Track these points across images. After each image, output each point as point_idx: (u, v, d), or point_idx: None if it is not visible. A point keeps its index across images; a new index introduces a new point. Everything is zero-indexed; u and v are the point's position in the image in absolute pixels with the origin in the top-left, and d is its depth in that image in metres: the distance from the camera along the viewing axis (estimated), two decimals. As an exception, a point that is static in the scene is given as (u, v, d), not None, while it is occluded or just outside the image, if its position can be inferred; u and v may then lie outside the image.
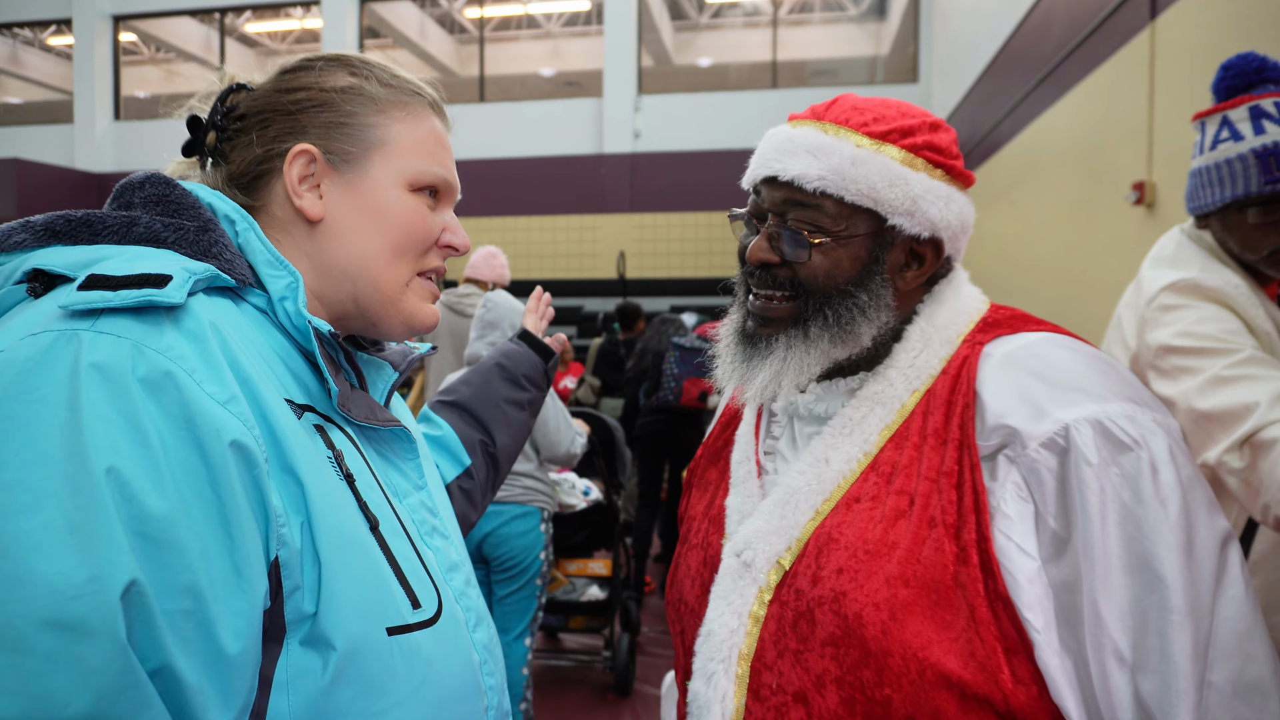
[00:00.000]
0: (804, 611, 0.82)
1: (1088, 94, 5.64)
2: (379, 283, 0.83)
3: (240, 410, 0.65)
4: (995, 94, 8.04)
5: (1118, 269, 5.00)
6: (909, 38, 12.56)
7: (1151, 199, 4.59)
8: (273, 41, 17.91)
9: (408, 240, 0.84)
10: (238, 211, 0.79)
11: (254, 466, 0.64)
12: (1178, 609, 0.72)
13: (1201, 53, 4.06)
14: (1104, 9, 5.28)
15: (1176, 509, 0.74)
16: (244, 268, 0.76)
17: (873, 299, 0.89)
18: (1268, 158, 1.40)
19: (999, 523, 0.78)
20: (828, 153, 0.88)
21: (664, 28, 15.66)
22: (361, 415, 0.79)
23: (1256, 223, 1.43)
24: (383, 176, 0.83)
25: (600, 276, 12.36)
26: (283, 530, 0.66)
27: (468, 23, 17.01)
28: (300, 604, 0.66)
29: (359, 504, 0.74)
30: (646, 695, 3.60)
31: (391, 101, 0.85)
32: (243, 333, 0.72)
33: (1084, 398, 0.79)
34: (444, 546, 0.85)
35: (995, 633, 0.75)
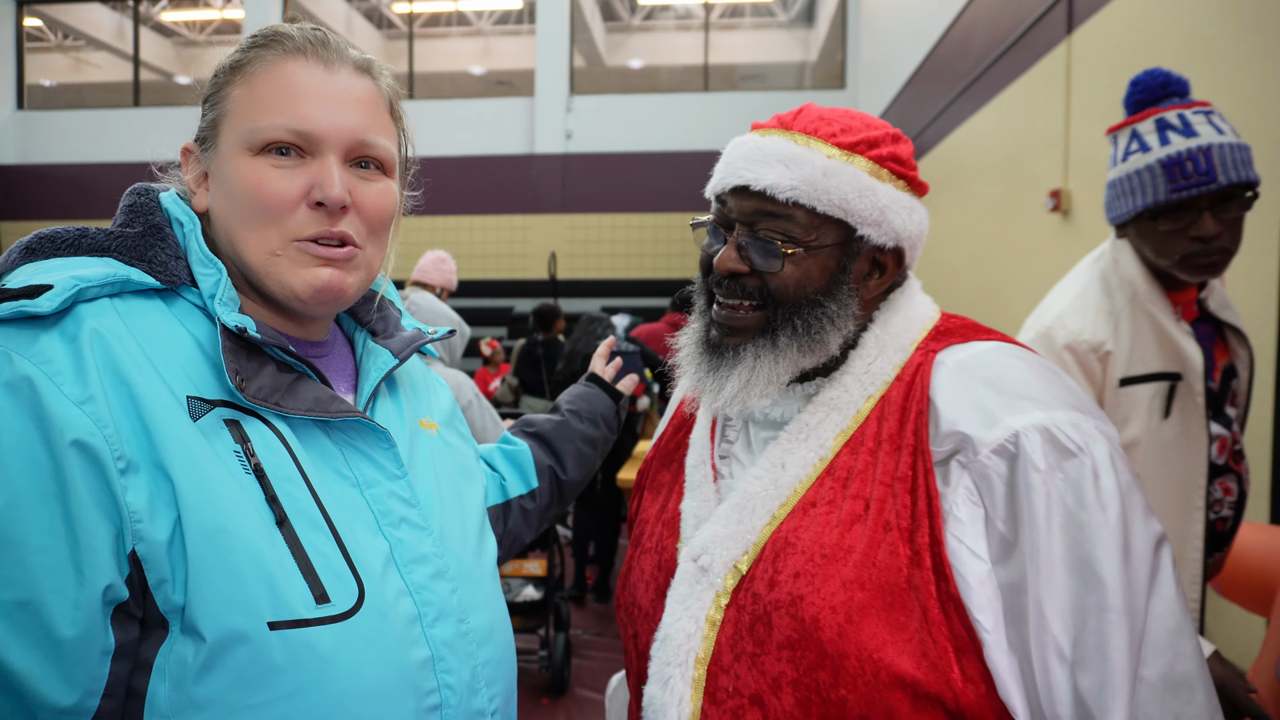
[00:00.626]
0: (761, 615, 0.83)
1: (1008, 103, 5.83)
2: (246, 257, 0.81)
3: (96, 411, 0.68)
4: (920, 101, 8.25)
5: (1036, 273, 5.18)
6: (837, 44, 12.80)
7: (1067, 206, 4.77)
8: (190, 31, 17.30)
9: (253, 207, 0.79)
10: (186, 214, 0.83)
11: (100, 465, 0.67)
12: (1115, 608, 0.75)
13: (1115, 66, 4.24)
14: (1024, 22, 5.47)
15: (1116, 513, 0.77)
16: (180, 269, 0.80)
17: (841, 308, 0.90)
18: (1173, 167, 1.48)
19: (951, 526, 0.80)
20: (799, 163, 0.88)
21: (596, 28, 15.65)
22: (301, 407, 0.78)
23: (1166, 230, 1.51)
24: (226, 149, 0.81)
25: (531, 277, 12.28)
26: (139, 526, 0.68)
27: (396, 18, 16.72)
28: (169, 595, 0.69)
29: (266, 497, 0.74)
30: (581, 696, 3.59)
31: (231, 67, 0.82)
32: (153, 333, 0.75)
33: (1032, 405, 0.81)
34: (412, 538, 0.84)
35: (946, 633, 0.77)
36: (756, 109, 12.22)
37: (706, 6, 14.14)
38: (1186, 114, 1.51)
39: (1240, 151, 1.49)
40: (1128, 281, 1.58)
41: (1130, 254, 1.60)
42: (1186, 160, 1.47)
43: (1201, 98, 3.23)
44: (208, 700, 0.69)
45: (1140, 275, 1.57)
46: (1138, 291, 1.57)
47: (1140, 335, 1.55)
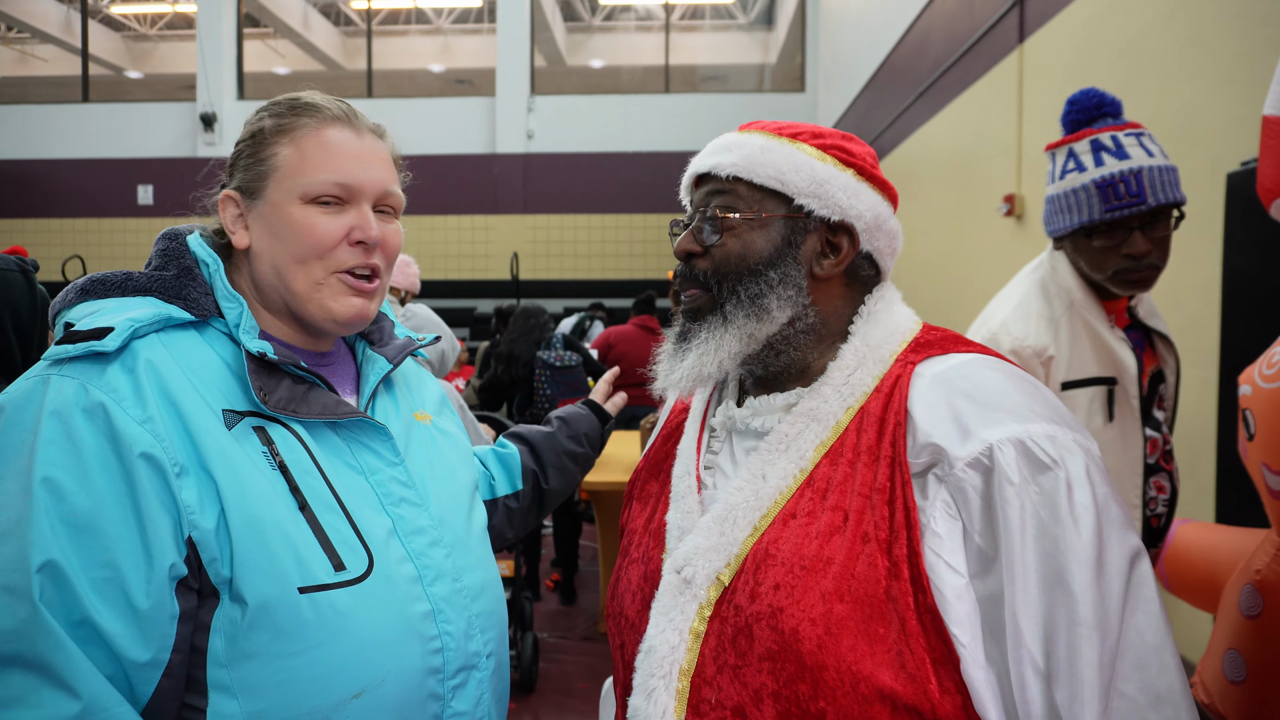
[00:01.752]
0: (743, 627, 0.83)
1: (963, 109, 5.95)
2: (291, 288, 0.98)
3: (155, 428, 0.86)
4: (878, 105, 8.37)
5: (990, 275, 5.29)
6: (796, 48, 12.92)
7: (1020, 211, 4.89)
8: (141, 25, 16.92)
9: (305, 247, 0.97)
10: (210, 256, 1.00)
11: (161, 470, 0.85)
12: (1085, 622, 0.75)
13: (1065, 75, 4.35)
14: (977, 30, 5.58)
15: (1089, 527, 0.77)
16: (210, 304, 0.98)
17: (782, 277, 0.93)
18: (1106, 188, 1.56)
19: (929, 540, 0.80)
20: (741, 146, 0.96)
21: (557, 28, 15.61)
22: (314, 412, 0.96)
23: (1100, 246, 1.59)
24: (277, 198, 0.98)
25: (494, 278, 12.23)
26: (192, 517, 0.86)
27: (354, 14, 16.52)
28: (219, 570, 0.87)
29: (290, 487, 0.91)
30: (549, 699, 3.60)
31: (279, 130, 0.99)
32: (194, 359, 0.93)
33: (1008, 418, 0.82)
34: (411, 514, 1.01)
35: (924, 645, 0.78)
36: (717, 110, 12.29)
37: (667, 8, 14.18)
38: (1120, 136, 1.59)
39: (1169, 174, 1.57)
40: (1065, 290, 1.66)
41: (1067, 264, 1.68)
42: (1119, 182, 1.55)
43: (1145, 106, 3.34)
44: (255, 651, 0.86)
45: (1076, 284, 1.65)
46: (1074, 300, 1.64)
47: (1078, 341, 1.62)
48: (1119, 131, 1.59)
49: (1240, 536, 1.70)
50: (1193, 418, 2.86)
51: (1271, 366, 1.44)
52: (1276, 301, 2.34)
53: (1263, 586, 1.43)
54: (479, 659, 1.02)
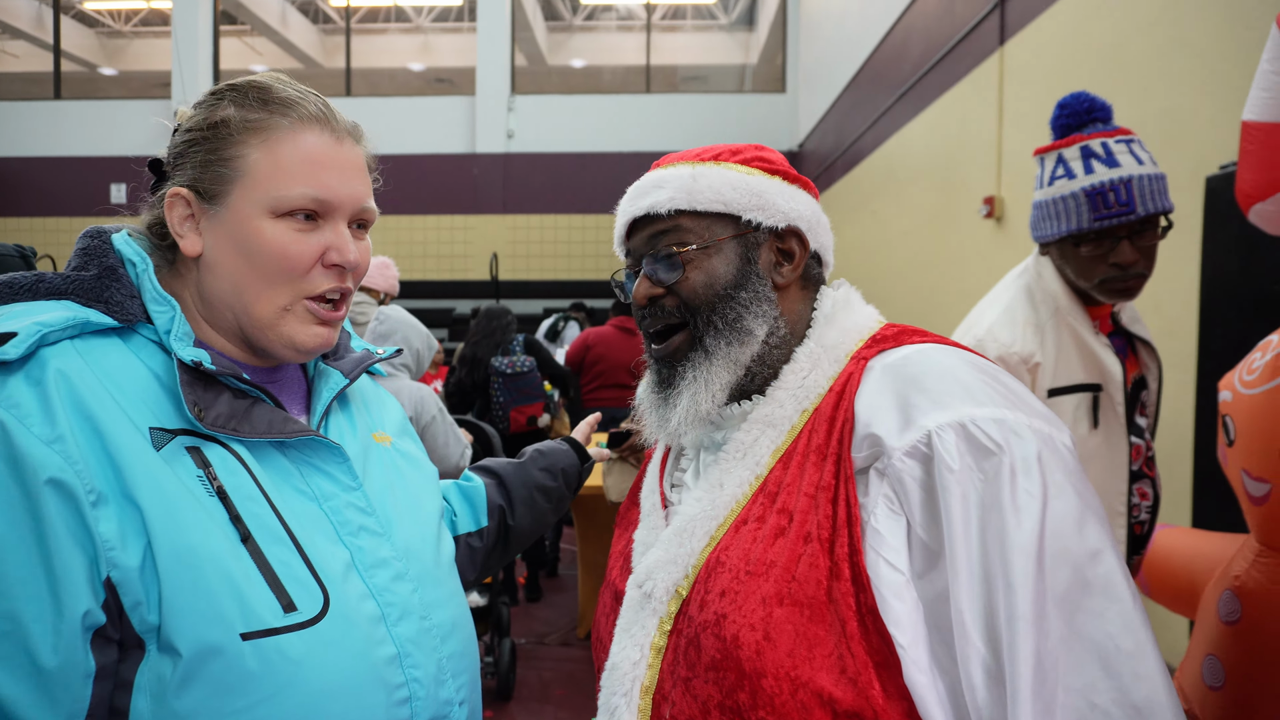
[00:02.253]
0: (693, 638, 0.82)
1: (943, 111, 5.96)
2: (252, 312, 0.87)
3: (65, 449, 0.73)
4: (858, 107, 8.39)
5: (970, 277, 5.31)
6: (777, 48, 12.94)
7: (1000, 213, 4.90)
8: (115, 22, 16.70)
9: (275, 270, 0.86)
10: (138, 255, 0.88)
11: (73, 499, 0.72)
12: (1024, 616, 0.71)
13: (1046, 77, 4.36)
14: (957, 33, 5.60)
15: (1033, 515, 0.73)
16: (137, 307, 0.85)
17: (753, 295, 0.92)
18: (1096, 196, 1.55)
19: (869, 538, 0.77)
20: (669, 180, 0.95)
21: (538, 27, 15.56)
22: (258, 431, 0.84)
23: (1088, 255, 1.58)
24: (244, 208, 0.86)
25: (473, 278, 12.16)
26: (112, 553, 0.73)
27: (333, 12, 16.39)
28: (145, 616, 0.74)
29: (230, 515, 0.79)
30: (527, 703, 3.56)
31: (250, 128, 0.87)
32: (114, 370, 0.81)
33: (955, 401, 0.78)
34: (371, 544, 0.89)
35: (866, 647, 0.75)
36: (698, 111, 12.29)
37: (648, 8, 14.17)
38: (1110, 143, 1.57)
39: (1157, 182, 1.56)
40: (1051, 296, 1.64)
41: (1053, 270, 1.67)
42: (1109, 190, 1.54)
43: (1127, 110, 3.34)
44: (189, 711, 0.74)
45: (1062, 291, 1.63)
46: (1060, 306, 1.63)
47: (1064, 348, 1.61)
48: (1109, 138, 1.58)
49: (1219, 542, 1.70)
50: (1170, 421, 2.87)
51: (1252, 372, 1.43)
52: (1255, 305, 2.35)
53: (1242, 593, 1.42)
54: (451, 708, 0.91)
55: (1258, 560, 1.41)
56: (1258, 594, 1.39)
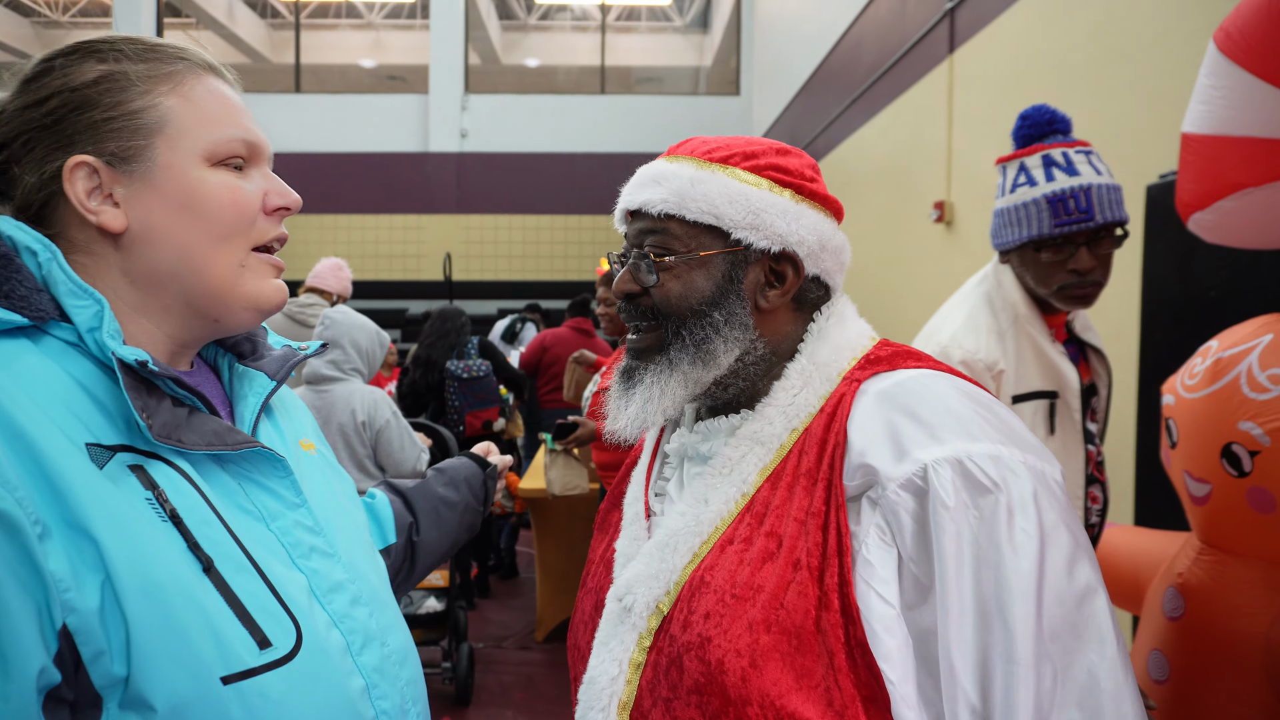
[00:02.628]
0: (675, 658, 0.80)
1: (895, 116, 6.07)
2: (208, 275, 0.78)
3: (0, 474, 0.61)
4: (812, 111, 8.49)
5: (922, 280, 5.41)
6: (731, 51, 13.03)
7: (950, 217, 5.00)
8: (52, 11, 16.18)
9: (227, 220, 0.78)
10: (39, 242, 0.73)
11: (18, 533, 0.60)
12: (1023, 660, 0.70)
13: (994, 85, 4.47)
14: (909, 40, 5.70)
15: (1031, 556, 0.73)
16: (46, 302, 0.72)
17: (727, 317, 0.89)
18: (1057, 203, 1.59)
19: (860, 569, 0.76)
20: (670, 178, 0.90)
21: (491, 26, 15.45)
22: (201, 442, 0.74)
23: (1048, 261, 1.62)
24: (175, 161, 0.76)
25: (426, 278, 12.03)
26: (68, 595, 0.62)
27: (281, 6, 16.07)
28: (109, 668, 0.63)
29: (188, 544, 0.69)
30: (486, 708, 3.54)
31: (154, 77, 0.77)
32: (33, 378, 0.68)
33: (950, 435, 0.77)
34: (325, 566, 0.81)
35: (854, 681, 0.73)
36: (652, 112, 12.32)
37: (603, 8, 14.16)
38: (1070, 153, 1.62)
39: (1115, 192, 1.61)
40: (1010, 304, 1.68)
41: (1012, 278, 1.70)
42: (1069, 197, 1.58)
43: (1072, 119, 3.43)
44: None
45: (1021, 299, 1.67)
46: (1019, 314, 1.66)
47: (1023, 355, 1.65)
48: (1069, 148, 1.62)
49: (1163, 540, 1.76)
50: (1113, 423, 2.95)
51: (1193, 377, 1.49)
52: (1193, 311, 2.43)
53: (1185, 589, 1.48)
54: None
55: (1199, 558, 1.47)
56: (1200, 590, 1.44)
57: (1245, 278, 2.24)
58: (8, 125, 0.76)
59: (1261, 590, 1.37)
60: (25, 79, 0.77)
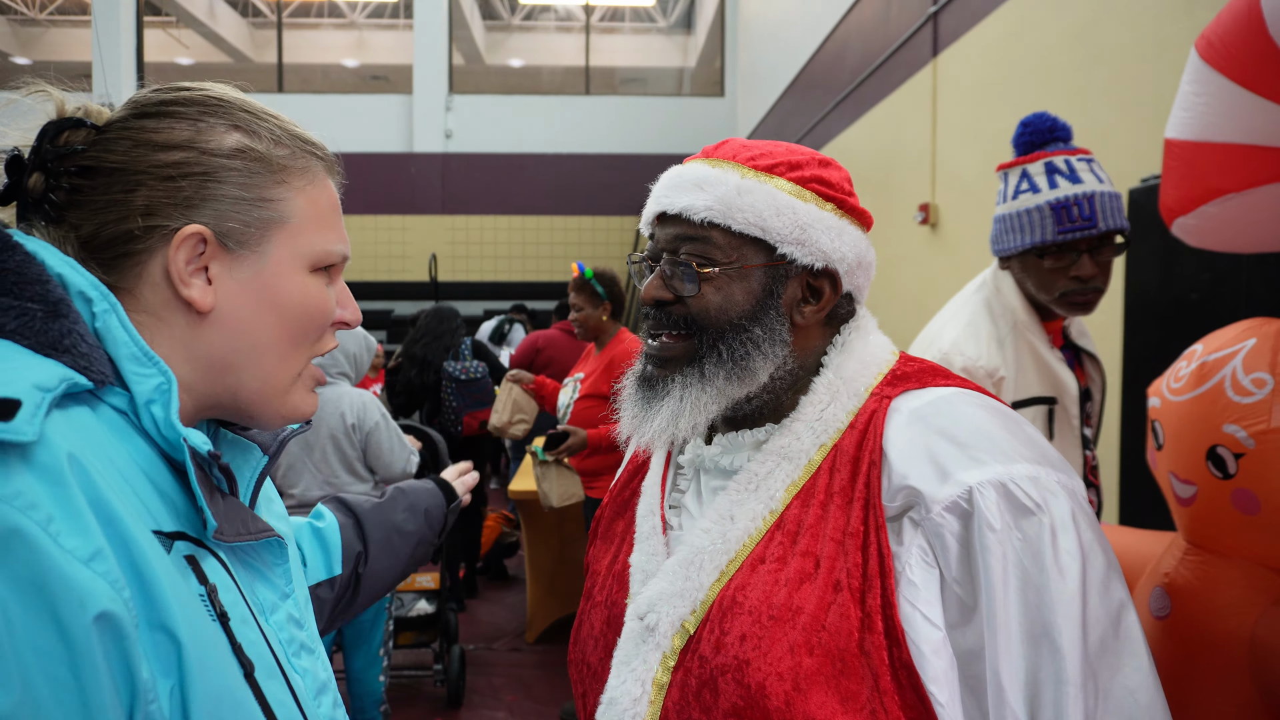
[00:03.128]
0: (707, 680, 0.78)
1: (879, 119, 6.11)
2: (270, 378, 0.73)
3: (108, 567, 0.55)
4: (796, 113, 8.52)
5: (907, 282, 5.45)
6: (715, 52, 13.06)
7: (935, 219, 5.04)
8: (30, 9, 16.00)
9: (308, 328, 0.75)
10: (96, 289, 0.65)
11: (123, 638, 0.55)
12: (1072, 680, 0.71)
13: (978, 89, 4.51)
14: (893, 43, 5.74)
15: (1075, 577, 0.74)
16: (104, 362, 0.64)
17: (767, 333, 0.87)
18: (1060, 210, 1.58)
19: (904, 589, 0.76)
20: (714, 184, 0.86)
21: (475, 26, 15.41)
22: (234, 533, 0.69)
23: (1050, 267, 1.61)
24: (283, 259, 0.72)
25: (411, 279, 11.99)
26: (150, 708, 0.57)
27: (263, 4, 15.96)
28: None
29: (233, 647, 0.64)
30: (477, 710, 3.54)
31: (290, 168, 0.74)
32: (103, 451, 0.61)
33: (989, 458, 0.78)
34: (312, 665, 0.76)
35: (899, 703, 0.73)
36: (637, 113, 12.33)
37: (587, 9, 14.15)
38: (1072, 160, 1.61)
39: (1116, 200, 1.61)
40: (1009, 310, 1.67)
41: (1012, 284, 1.69)
42: (1073, 205, 1.58)
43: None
44: None
45: (1020, 305, 1.66)
46: (1018, 320, 1.66)
47: (1022, 361, 1.64)
48: (1071, 156, 1.62)
49: (1149, 540, 1.79)
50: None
51: (1179, 380, 1.51)
52: (1175, 314, 2.47)
53: (1171, 589, 1.50)
54: None
55: (1185, 558, 1.50)
56: (1186, 590, 1.47)
57: (1227, 281, 2.27)
58: (114, 154, 0.68)
59: (1247, 590, 1.39)
60: (143, 111, 0.71)
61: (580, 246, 12.18)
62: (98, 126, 0.70)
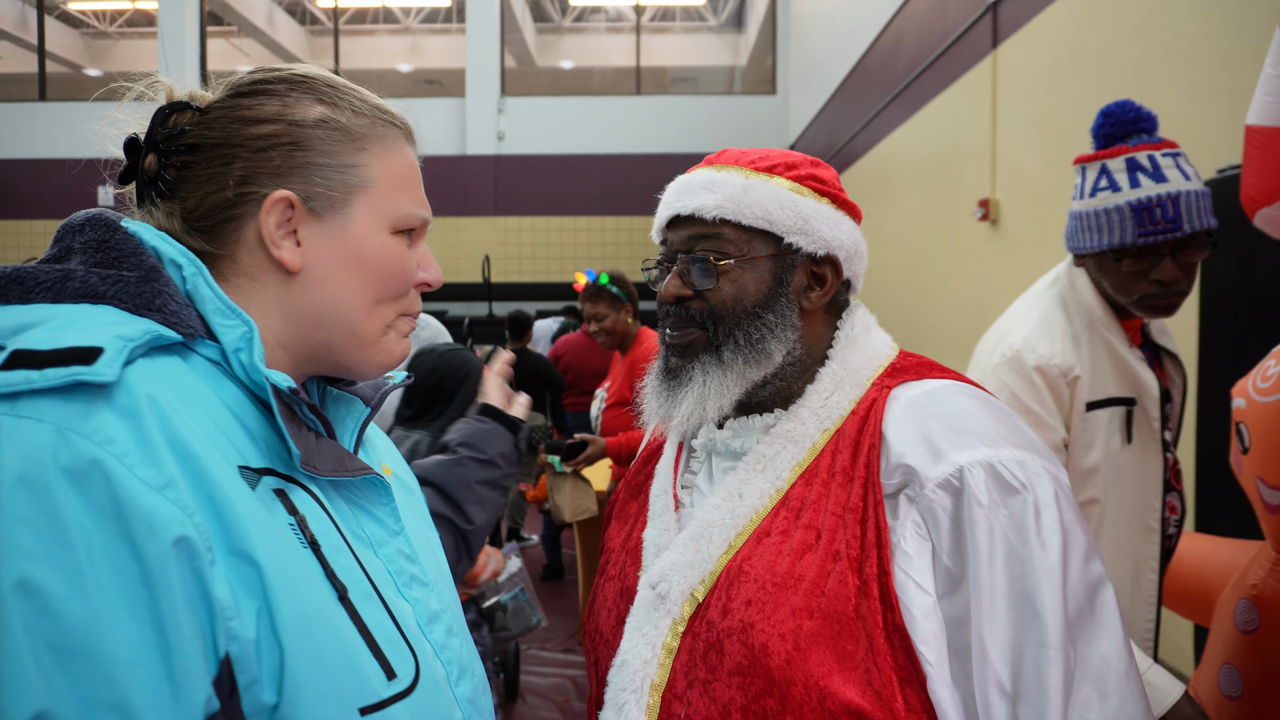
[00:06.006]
0: (714, 642, 0.85)
1: (936, 113, 5.98)
2: (359, 331, 0.79)
3: (179, 495, 0.60)
4: (849, 109, 8.41)
5: (965, 281, 5.33)
6: (766, 50, 12.96)
7: (995, 215, 4.91)
8: (100, 22, 16.58)
9: (391, 287, 0.80)
10: (185, 255, 0.73)
11: (195, 558, 0.60)
12: (1053, 644, 0.78)
13: (1040, 80, 4.38)
14: (950, 34, 5.61)
15: (1056, 551, 0.80)
16: (193, 318, 0.71)
17: (779, 319, 0.95)
18: (1142, 211, 1.49)
19: (899, 559, 0.83)
20: (721, 185, 0.95)
21: (527, 28, 15.54)
22: (329, 469, 0.74)
23: (1129, 270, 1.52)
24: (366, 221, 0.78)
25: (465, 280, 12.13)
26: (231, 624, 0.62)
27: (320, 13, 16.32)
28: (259, 696, 0.63)
29: (325, 572, 0.69)
30: (534, 711, 3.55)
31: (369, 135, 0.80)
32: (190, 395, 0.67)
33: (979, 442, 0.84)
34: (424, 596, 0.81)
35: (891, 663, 0.80)
36: (688, 113, 12.29)
37: (637, 9, 14.16)
38: (1157, 155, 1.52)
39: (1203, 199, 1.51)
40: (1085, 307, 1.60)
41: (1087, 281, 1.62)
42: (1155, 206, 1.49)
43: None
44: None
45: (1097, 302, 1.59)
46: (1095, 318, 1.59)
47: (1098, 360, 1.57)
48: (1156, 151, 1.53)
49: (1232, 549, 1.70)
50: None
51: (1266, 379, 1.43)
52: (1254, 310, 2.36)
53: (1259, 601, 1.42)
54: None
55: (1275, 569, 1.42)
56: (1276, 602, 1.39)
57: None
58: (213, 129, 0.75)
59: (1342, 602, 1.31)
60: (240, 91, 0.77)
61: (632, 246, 12.19)
62: (200, 109, 0.76)
